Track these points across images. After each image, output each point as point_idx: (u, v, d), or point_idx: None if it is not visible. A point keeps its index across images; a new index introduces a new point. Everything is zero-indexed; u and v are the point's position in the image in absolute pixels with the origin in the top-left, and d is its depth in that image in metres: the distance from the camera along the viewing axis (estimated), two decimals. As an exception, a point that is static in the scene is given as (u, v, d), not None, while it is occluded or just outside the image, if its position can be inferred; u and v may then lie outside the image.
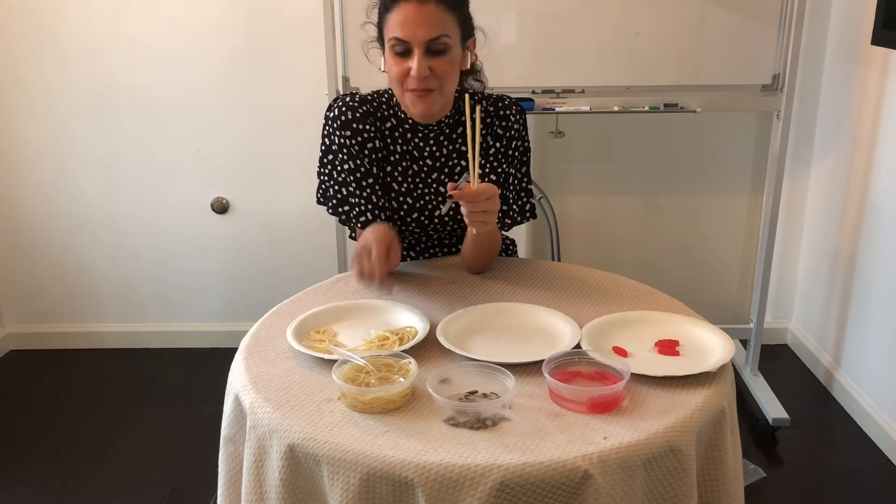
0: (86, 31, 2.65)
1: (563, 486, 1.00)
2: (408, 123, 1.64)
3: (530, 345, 1.32)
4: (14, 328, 3.00)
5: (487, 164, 1.66)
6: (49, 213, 2.87)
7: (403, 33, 1.48)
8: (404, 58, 1.50)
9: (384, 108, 1.65)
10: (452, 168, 1.66)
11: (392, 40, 1.50)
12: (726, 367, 1.24)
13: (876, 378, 2.42)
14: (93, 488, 2.19)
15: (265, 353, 1.31)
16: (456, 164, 1.66)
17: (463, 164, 1.66)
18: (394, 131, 1.65)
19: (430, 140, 1.65)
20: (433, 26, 1.48)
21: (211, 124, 2.76)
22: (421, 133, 1.65)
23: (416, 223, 1.67)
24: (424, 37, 1.48)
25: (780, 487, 2.20)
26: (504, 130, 1.66)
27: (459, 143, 1.66)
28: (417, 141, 1.65)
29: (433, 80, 1.51)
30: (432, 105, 1.56)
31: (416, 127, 1.64)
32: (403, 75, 1.52)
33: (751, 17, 2.30)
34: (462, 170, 1.66)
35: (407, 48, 1.49)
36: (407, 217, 1.66)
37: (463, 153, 1.66)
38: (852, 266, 2.53)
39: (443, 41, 1.50)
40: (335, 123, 1.61)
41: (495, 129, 1.66)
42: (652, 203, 2.84)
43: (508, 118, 1.66)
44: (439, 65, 1.51)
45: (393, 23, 1.49)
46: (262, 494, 1.15)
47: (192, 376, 2.80)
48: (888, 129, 2.32)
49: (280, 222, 2.87)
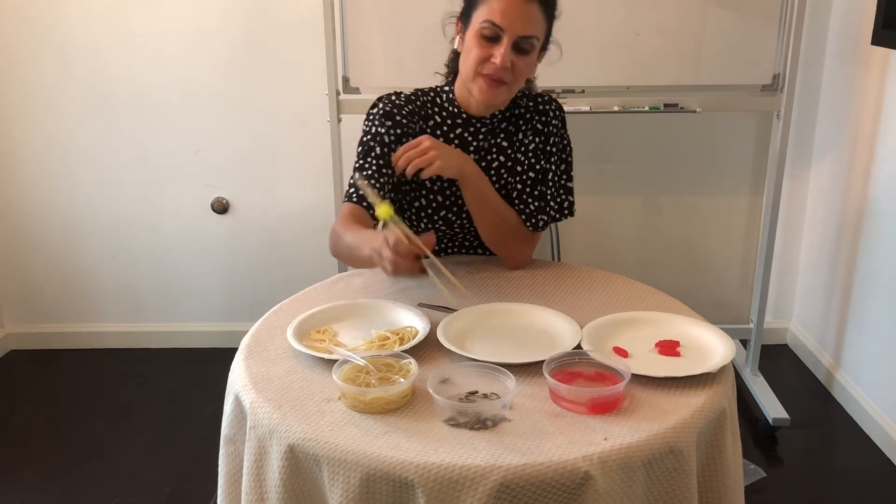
0: (86, 31, 2.65)
1: (563, 487, 1.00)
2: (461, 118, 1.65)
3: (530, 345, 1.32)
4: (14, 328, 3.00)
5: (526, 160, 1.66)
6: (49, 213, 2.87)
7: (502, 21, 1.48)
8: (490, 43, 1.51)
9: (429, 107, 1.66)
10: (490, 163, 1.66)
11: (486, 23, 1.49)
12: (727, 368, 1.24)
13: (876, 378, 2.42)
14: (93, 488, 2.19)
15: (265, 353, 1.31)
16: (494, 158, 1.66)
17: (501, 159, 1.66)
18: (436, 129, 1.65)
19: (479, 134, 1.66)
20: (530, 24, 1.50)
21: (211, 124, 2.76)
22: (472, 127, 1.65)
23: (444, 220, 1.68)
24: (520, 31, 1.49)
25: (780, 487, 2.20)
26: (543, 126, 1.66)
27: (501, 139, 1.67)
28: (467, 136, 1.65)
29: (508, 74, 1.53)
30: (498, 97, 1.57)
31: (470, 120, 1.65)
32: (483, 59, 1.52)
33: (751, 17, 2.30)
34: (500, 165, 1.66)
35: (497, 35, 1.50)
36: (434, 215, 1.67)
37: (504, 148, 1.66)
38: (852, 266, 2.53)
39: (532, 41, 1.52)
40: (378, 116, 1.62)
41: (535, 125, 1.67)
42: (652, 203, 2.84)
43: (548, 113, 1.67)
44: (520, 62, 1.53)
45: (492, 7, 1.49)
46: (263, 494, 1.15)
47: (192, 376, 2.79)
48: (888, 129, 2.32)
49: (280, 222, 2.87)
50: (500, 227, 1.64)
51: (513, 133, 1.67)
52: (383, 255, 1.25)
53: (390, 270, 1.25)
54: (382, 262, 1.26)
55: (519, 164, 1.66)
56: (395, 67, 2.34)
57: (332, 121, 2.33)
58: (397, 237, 1.24)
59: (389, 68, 2.34)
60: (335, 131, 2.34)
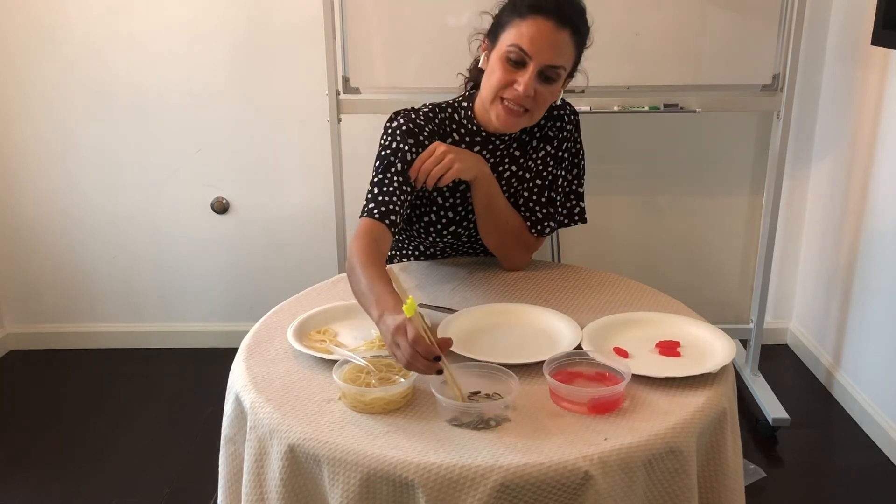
0: (86, 31, 2.65)
1: (563, 487, 1.00)
2: (480, 136, 1.61)
3: (531, 345, 1.32)
4: (14, 328, 3.00)
5: (535, 167, 1.65)
6: (49, 213, 2.86)
7: (530, 47, 1.44)
8: (515, 68, 1.46)
9: (447, 124, 1.62)
10: (502, 173, 1.64)
11: (513, 48, 1.45)
12: (727, 369, 1.24)
13: (876, 378, 2.42)
14: (93, 488, 2.19)
15: (266, 353, 1.31)
16: (506, 168, 1.64)
17: (513, 168, 1.64)
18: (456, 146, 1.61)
19: (497, 151, 1.63)
20: (559, 53, 1.46)
21: (211, 124, 2.75)
22: (491, 144, 1.62)
23: (453, 235, 1.67)
24: (547, 60, 1.45)
25: (780, 487, 2.20)
26: (557, 132, 1.64)
27: (514, 148, 1.64)
28: (486, 154, 1.62)
29: (530, 102, 1.49)
30: (517, 126, 1.54)
31: (490, 138, 1.61)
32: (506, 84, 1.48)
33: (751, 18, 2.30)
34: (511, 175, 1.64)
35: (524, 61, 1.45)
36: (444, 230, 1.66)
37: (516, 158, 1.64)
38: (852, 266, 2.53)
39: (558, 71, 1.48)
40: (399, 131, 1.56)
41: (546, 132, 1.64)
42: (652, 203, 2.84)
43: (562, 118, 1.65)
44: (543, 91, 1.49)
45: (521, 32, 1.44)
46: (263, 495, 1.15)
47: (192, 376, 2.79)
48: (888, 129, 2.32)
49: (280, 222, 2.87)
50: (503, 231, 1.64)
51: (526, 142, 1.65)
52: (400, 346, 1.13)
53: (404, 364, 1.13)
54: (396, 352, 1.14)
55: (529, 171, 1.65)
56: (395, 67, 2.34)
57: (332, 121, 2.33)
58: (417, 334, 1.11)
59: (389, 68, 2.34)
60: (335, 131, 2.34)
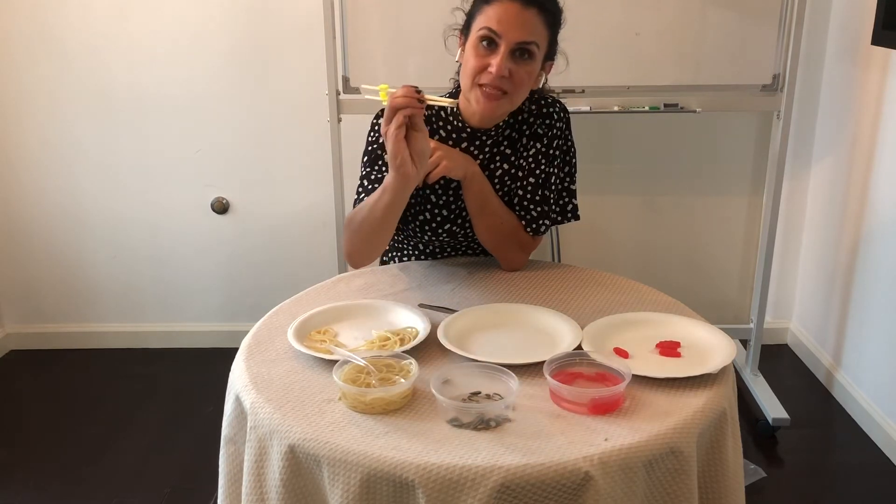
0: (86, 31, 2.65)
1: (563, 488, 1.00)
2: (466, 131, 1.62)
3: (531, 346, 1.32)
4: (14, 328, 3.00)
5: (527, 166, 1.64)
6: (49, 213, 2.86)
7: (498, 27, 1.46)
8: (487, 51, 1.49)
9: (433, 121, 1.63)
10: (493, 171, 1.64)
11: (483, 30, 1.47)
12: (727, 369, 1.24)
13: (876, 378, 2.42)
14: (93, 488, 2.19)
15: (266, 353, 1.31)
16: (498, 167, 1.65)
17: (505, 167, 1.65)
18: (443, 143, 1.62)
19: (485, 147, 1.63)
20: (528, 30, 1.48)
21: (211, 124, 2.75)
22: (478, 140, 1.62)
23: (448, 233, 1.67)
24: (517, 38, 1.47)
25: (780, 487, 2.20)
26: (546, 129, 1.64)
27: (505, 146, 1.64)
28: (473, 150, 1.63)
29: (507, 84, 1.49)
30: (497, 109, 1.54)
31: (475, 133, 1.62)
32: (481, 69, 1.49)
33: (751, 18, 2.30)
34: (503, 173, 1.65)
35: (494, 43, 1.48)
36: (439, 228, 1.66)
37: (507, 156, 1.64)
38: (852, 266, 2.53)
39: (531, 48, 1.49)
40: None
41: (535, 130, 1.64)
42: (652, 203, 2.84)
43: (552, 116, 1.65)
44: (519, 70, 1.49)
45: (489, 15, 1.47)
46: (263, 495, 1.15)
47: (192, 376, 2.79)
48: (888, 129, 2.32)
49: (280, 222, 2.87)
50: (498, 230, 1.64)
51: (516, 140, 1.65)
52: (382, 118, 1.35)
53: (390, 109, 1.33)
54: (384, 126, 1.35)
55: (521, 170, 1.65)
56: (395, 67, 2.34)
57: (332, 120, 2.33)
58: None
59: (389, 68, 2.34)
60: (335, 131, 2.34)
